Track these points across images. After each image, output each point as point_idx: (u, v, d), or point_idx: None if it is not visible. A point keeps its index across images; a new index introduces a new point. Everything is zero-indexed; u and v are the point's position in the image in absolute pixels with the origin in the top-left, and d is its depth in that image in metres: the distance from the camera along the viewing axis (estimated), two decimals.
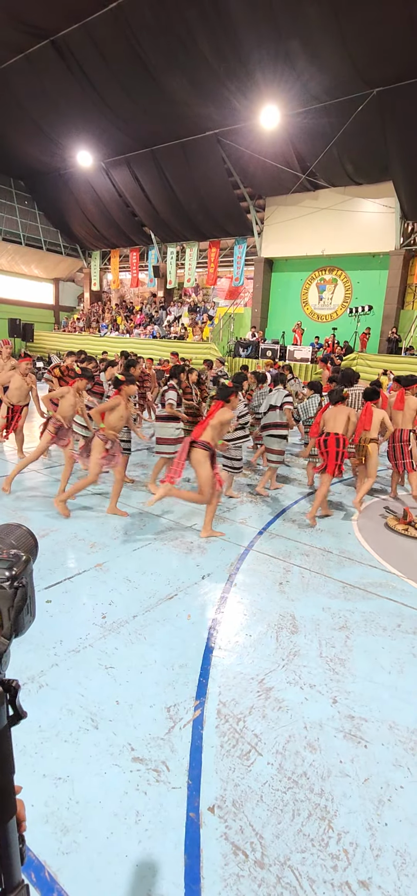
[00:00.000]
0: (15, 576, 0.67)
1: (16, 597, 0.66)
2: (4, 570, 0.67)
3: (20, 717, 0.71)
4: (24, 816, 0.74)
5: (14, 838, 0.70)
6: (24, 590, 0.67)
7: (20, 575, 0.67)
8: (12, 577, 0.67)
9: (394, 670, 3.06)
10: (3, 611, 0.66)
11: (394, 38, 10.88)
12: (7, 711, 0.69)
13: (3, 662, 0.68)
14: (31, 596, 0.70)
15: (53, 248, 25.95)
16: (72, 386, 5.79)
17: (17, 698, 0.70)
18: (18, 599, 0.66)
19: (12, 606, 0.66)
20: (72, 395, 5.73)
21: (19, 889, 0.69)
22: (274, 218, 18.62)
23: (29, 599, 0.69)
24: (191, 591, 3.88)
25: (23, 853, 0.72)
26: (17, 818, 0.71)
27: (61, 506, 5.22)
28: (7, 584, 0.67)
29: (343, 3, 10.38)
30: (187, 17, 11.74)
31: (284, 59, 12.17)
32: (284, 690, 2.81)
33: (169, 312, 22.80)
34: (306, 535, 5.24)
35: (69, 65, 14.42)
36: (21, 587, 0.67)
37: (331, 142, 14.26)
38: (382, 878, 1.84)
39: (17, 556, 0.69)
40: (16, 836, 0.70)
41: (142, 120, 16.18)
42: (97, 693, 2.68)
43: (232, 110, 14.77)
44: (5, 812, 0.68)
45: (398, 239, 16.01)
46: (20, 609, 0.67)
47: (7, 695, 0.69)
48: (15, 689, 0.69)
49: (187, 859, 1.85)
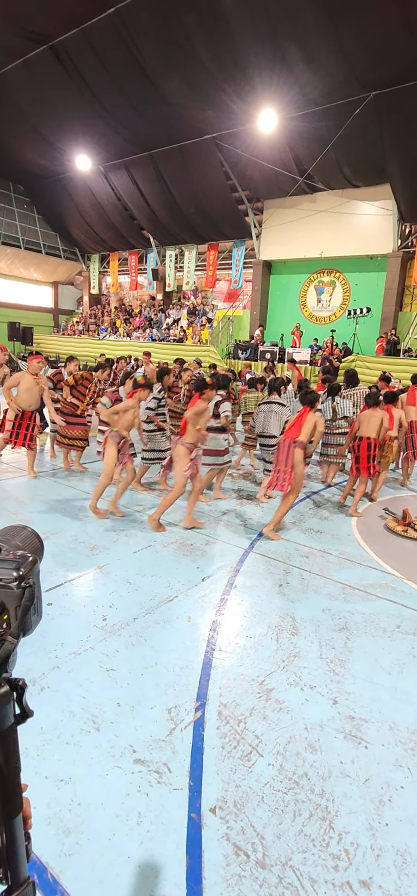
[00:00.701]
0: (22, 576, 0.68)
1: (23, 596, 0.68)
2: (11, 571, 0.68)
3: (27, 716, 0.72)
4: (29, 814, 0.75)
5: (20, 835, 0.71)
6: (31, 590, 0.68)
7: (27, 575, 0.69)
8: (20, 578, 0.68)
9: (394, 671, 3.07)
10: (10, 610, 0.67)
11: (391, 41, 10.95)
12: (14, 710, 0.71)
13: (10, 662, 0.69)
14: (38, 596, 0.71)
15: (52, 251, 26.02)
16: (133, 398, 5.48)
17: (23, 697, 0.71)
18: (26, 599, 0.68)
19: (20, 606, 0.67)
20: (136, 407, 5.45)
21: (25, 886, 0.70)
22: (273, 221, 18.68)
23: (36, 599, 0.70)
24: (192, 593, 3.89)
25: (28, 850, 0.73)
26: (23, 815, 0.72)
27: (155, 523, 5.14)
28: (14, 584, 0.68)
29: (339, 8, 10.44)
30: (185, 23, 11.81)
31: (281, 63, 12.23)
32: (285, 692, 2.82)
33: (168, 315, 22.84)
34: (306, 537, 5.25)
35: (67, 70, 14.48)
36: (28, 587, 0.68)
37: (329, 145, 14.34)
38: (383, 878, 1.85)
39: (23, 556, 0.71)
40: (22, 833, 0.71)
41: (140, 124, 16.24)
42: (98, 695, 2.69)
43: (229, 114, 14.84)
44: (12, 809, 0.69)
45: (395, 241, 16.07)
46: (27, 609, 0.68)
47: (14, 693, 0.70)
48: (22, 687, 0.71)
49: (189, 860, 1.86)
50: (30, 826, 0.75)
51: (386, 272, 16.54)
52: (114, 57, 13.44)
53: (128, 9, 11.94)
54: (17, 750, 0.71)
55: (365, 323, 16.79)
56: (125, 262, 24.76)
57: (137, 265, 23.95)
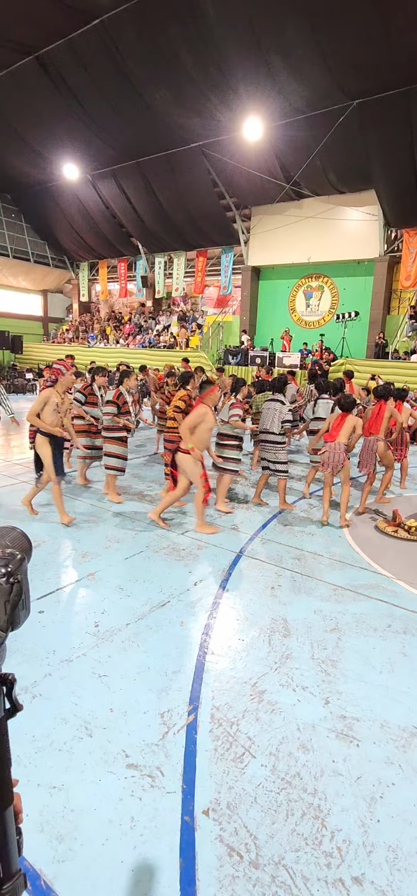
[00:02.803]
0: (11, 572, 0.71)
1: (12, 592, 0.70)
2: (0, 567, 0.71)
3: (17, 710, 0.73)
4: (20, 808, 0.76)
5: (11, 828, 0.72)
6: (19, 586, 0.71)
7: (16, 572, 0.71)
8: (8, 574, 0.70)
9: (385, 670, 3.11)
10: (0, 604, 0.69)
11: (372, 52, 11.15)
12: (3, 704, 0.72)
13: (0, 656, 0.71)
14: (26, 592, 0.73)
15: (41, 260, 25.95)
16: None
17: (13, 692, 0.73)
18: (14, 594, 0.70)
19: (8, 601, 0.70)
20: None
21: (17, 877, 0.71)
22: (260, 227, 18.83)
23: (24, 595, 0.72)
24: (184, 597, 3.90)
25: (20, 844, 0.74)
26: (15, 810, 0.73)
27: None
28: (3, 579, 0.70)
29: (321, 19, 10.61)
30: (170, 34, 11.92)
31: (266, 73, 12.39)
32: (277, 693, 2.83)
33: (158, 322, 22.89)
34: (297, 540, 5.28)
35: (54, 80, 14.53)
36: (17, 583, 0.70)
37: (314, 152, 14.51)
38: (375, 874, 1.86)
39: (12, 554, 0.73)
40: (13, 826, 0.73)
41: (127, 133, 16.32)
42: (91, 701, 2.68)
43: (216, 122, 14.97)
44: (3, 800, 0.71)
45: (382, 246, 16.28)
46: (16, 604, 0.71)
47: (3, 688, 0.72)
48: (11, 682, 0.73)
49: (182, 862, 1.87)
50: (21, 821, 0.76)
51: (373, 276, 16.74)
52: (100, 67, 13.52)
53: (113, 20, 12.02)
54: (7, 743, 0.73)
55: (354, 327, 16.96)
56: (114, 270, 24.77)
57: (126, 273, 23.97)
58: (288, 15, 10.71)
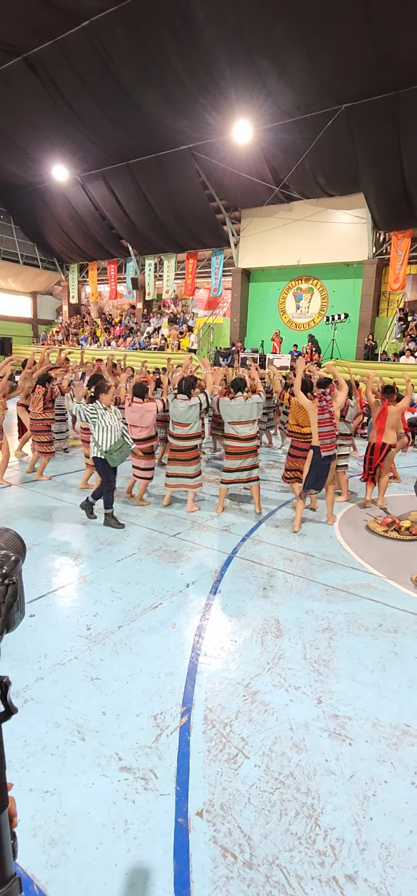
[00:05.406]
0: (5, 574, 0.70)
1: (6, 593, 0.69)
2: None
3: (11, 713, 0.73)
4: (15, 812, 0.76)
5: (6, 831, 0.71)
6: (14, 587, 0.70)
7: (10, 573, 0.70)
8: (3, 575, 0.70)
9: (377, 669, 3.13)
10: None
11: (360, 56, 11.24)
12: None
13: None
14: (21, 594, 0.72)
15: (30, 261, 25.78)
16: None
17: (7, 694, 0.72)
18: (9, 596, 0.69)
19: (3, 602, 0.69)
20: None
21: (12, 882, 0.70)
22: (250, 229, 18.89)
23: (18, 597, 0.71)
24: (176, 599, 3.89)
25: (15, 848, 0.73)
26: (9, 813, 0.73)
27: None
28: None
29: (309, 24, 10.68)
30: (158, 36, 11.92)
31: (255, 76, 12.43)
32: (270, 693, 2.84)
33: (149, 324, 22.85)
34: (289, 541, 5.30)
35: (43, 81, 14.46)
36: (11, 584, 0.70)
37: (303, 155, 14.59)
38: (368, 871, 1.88)
39: (6, 555, 0.72)
40: (8, 830, 0.72)
41: (116, 135, 16.28)
42: (83, 705, 2.67)
43: (205, 125, 14.99)
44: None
45: (370, 248, 16.42)
46: (11, 605, 0.70)
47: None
48: (6, 685, 0.72)
49: (176, 864, 1.86)
50: (15, 825, 0.75)
51: (362, 279, 16.88)
52: (90, 69, 13.47)
53: (101, 22, 11.98)
54: (1, 747, 0.72)
55: (344, 328, 17.08)
56: (104, 272, 24.68)
57: (116, 274, 23.90)
58: (277, 19, 10.77)
